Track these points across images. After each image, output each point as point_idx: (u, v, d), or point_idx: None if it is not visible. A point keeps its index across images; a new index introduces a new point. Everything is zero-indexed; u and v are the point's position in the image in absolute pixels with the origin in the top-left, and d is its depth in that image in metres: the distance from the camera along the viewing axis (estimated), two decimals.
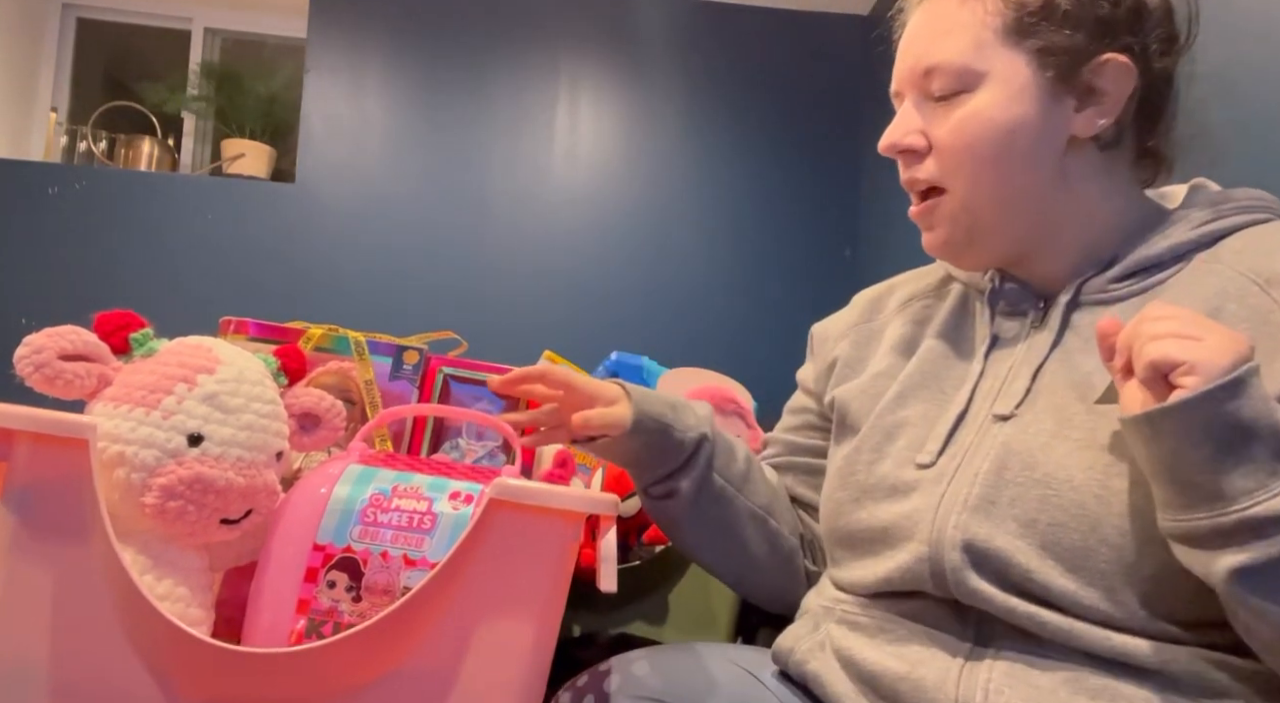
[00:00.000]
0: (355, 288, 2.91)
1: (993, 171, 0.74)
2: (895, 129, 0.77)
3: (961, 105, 0.74)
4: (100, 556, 0.64)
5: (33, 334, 0.68)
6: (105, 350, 0.72)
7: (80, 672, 0.65)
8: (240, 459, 0.68)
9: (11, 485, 0.65)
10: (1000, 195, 0.75)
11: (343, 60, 3.04)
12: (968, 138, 0.74)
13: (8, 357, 0.65)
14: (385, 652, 0.66)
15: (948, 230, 0.78)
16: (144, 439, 0.66)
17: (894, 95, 0.81)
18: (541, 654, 0.68)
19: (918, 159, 0.77)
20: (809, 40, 3.12)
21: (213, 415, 0.68)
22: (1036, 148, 0.74)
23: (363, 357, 0.83)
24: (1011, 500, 0.68)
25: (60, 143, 3.15)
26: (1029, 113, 0.73)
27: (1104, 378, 0.69)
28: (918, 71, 0.76)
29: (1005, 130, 0.73)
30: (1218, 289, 0.69)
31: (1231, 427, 0.55)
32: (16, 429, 0.64)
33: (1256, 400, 0.55)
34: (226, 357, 0.72)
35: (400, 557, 0.66)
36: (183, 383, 0.68)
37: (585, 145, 3.05)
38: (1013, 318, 0.80)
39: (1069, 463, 0.67)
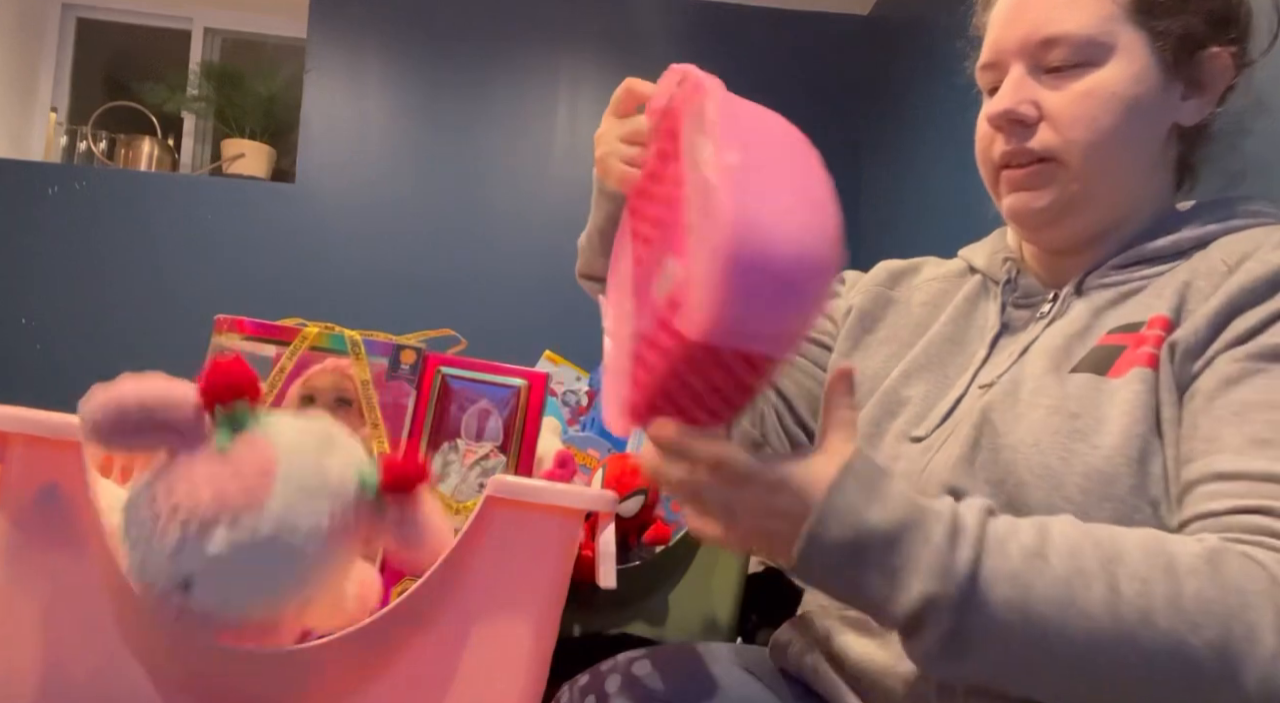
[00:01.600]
0: (355, 288, 2.91)
1: (1110, 147, 0.74)
2: (1009, 96, 0.75)
3: (1081, 77, 0.74)
4: (96, 557, 0.64)
5: (104, 387, 0.60)
6: (185, 414, 0.60)
7: (76, 674, 0.64)
8: (244, 608, 0.60)
9: (6, 488, 0.64)
10: (1112, 171, 0.75)
11: (343, 60, 3.04)
12: (1093, 110, 0.73)
13: (8, 356, 0.64)
14: (385, 651, 0.66)
15: (1054, 196, 0.76)
16: (139, 558, 0.59)
17: (989, 66, 0.79)
18: (541, 654, 0.67)
19: (1027, 129, 0.76)
20: (809, 40, 3.12)
21: (218, 569, 0.58)
22: (1149, 129, 0.75)
23: (359, 356, 0.83)
24: (984, 463, 0.70)
25: (60, 143, 3.15)
26: (1149, 92, 0.74)
27: (1081, 349, 0.72)
28: (1033, 40, 0.75)
29: (1127, 107, 0.73)
30: (1192, 269, 0.71)
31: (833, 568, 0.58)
32: (10, 431, 0.64)
33: (831, 556, 0.58)
34: (281, 496, 0.59)
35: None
36: (196, 522, 0.58)
37: (585, 145, 3.05)
38: (1023, 309, 0.82)
39: (1037, 428, 0.68)
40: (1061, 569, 0.55)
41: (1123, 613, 0.54)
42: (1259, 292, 0.66)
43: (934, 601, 0.55)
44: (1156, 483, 0.64)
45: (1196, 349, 0.66)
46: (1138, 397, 0.66)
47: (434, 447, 0.83)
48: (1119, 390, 0.67)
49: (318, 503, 0.60)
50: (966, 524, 0.57)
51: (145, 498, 0.59)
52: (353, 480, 0.62)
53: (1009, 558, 0.56)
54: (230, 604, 0.59)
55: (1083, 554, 0.56)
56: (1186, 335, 0.67)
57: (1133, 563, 0.56)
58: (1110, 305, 0.74)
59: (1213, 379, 0.65)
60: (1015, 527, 0.58)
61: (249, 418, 0.61)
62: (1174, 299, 0.70)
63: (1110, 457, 0.64)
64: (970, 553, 0.55)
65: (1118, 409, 0.66)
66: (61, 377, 2.77)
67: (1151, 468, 0.64)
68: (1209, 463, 0.62)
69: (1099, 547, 0.57)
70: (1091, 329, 0.73)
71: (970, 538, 0.56)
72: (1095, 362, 0.70)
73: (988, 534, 0.57)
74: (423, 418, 0.83)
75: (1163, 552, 0.56)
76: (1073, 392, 0.69)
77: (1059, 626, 0.54)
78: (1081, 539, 0.57)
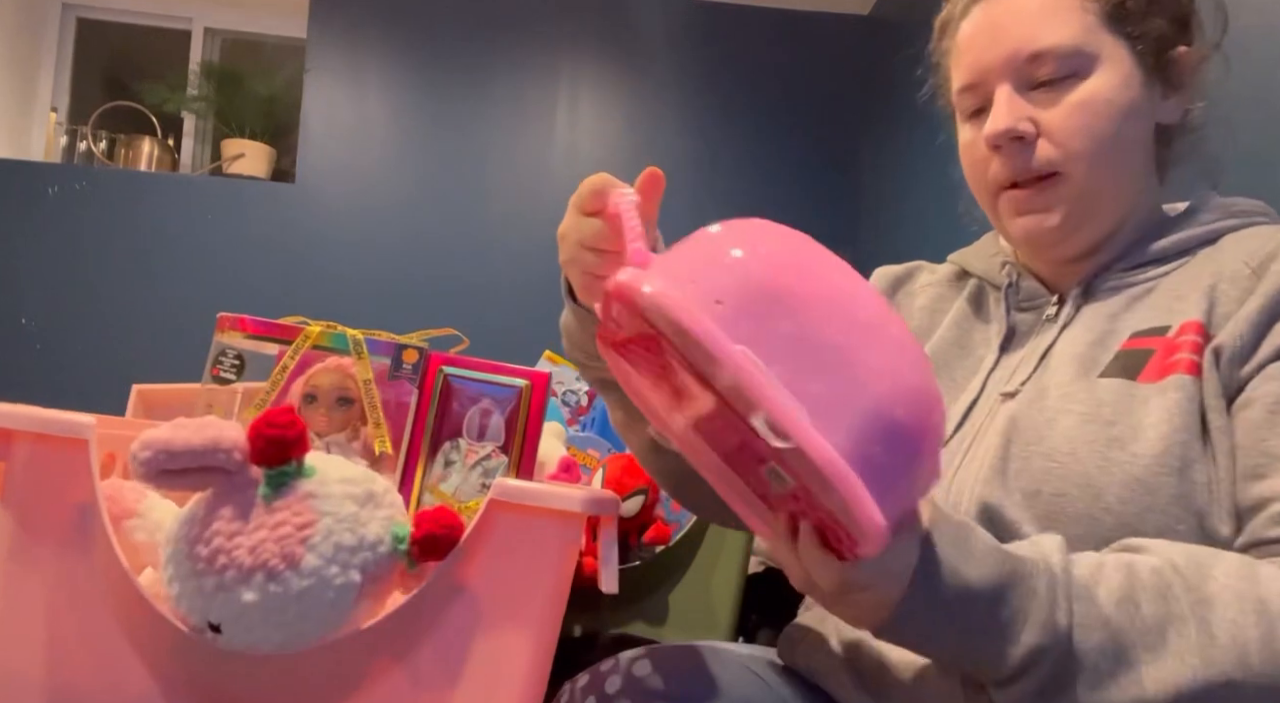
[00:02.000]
0: (355, 288, 2.91)
1: (1110, 154, 0.75)
2: (1006, 116, 0.75)
3: (1072, 89, 0.74)
4: (101, 556, 0.64)
5: (155, 428, 0.60)
6: (232, 461, 0.61)
7: (79, 670, 0.64)
8: (270, 649, 0.62)
9: (11, 485, 0.65)
10: (1113, 176, 0.76)
11: (343, 60, 3.04)
12: (1088, 120, 0.73)
13: (8, 356, 0.64)
14: (386, 652, 0.66)
15: (1064, 213, 0.76)
16: (177, 591, 0.61)
17: (971, 87, 0.79)
18: (542, 655, 0.68)
19: (1027, 146, 0.75)
20: (809, 40, 3.12)
21: (249, 618, 0.60)
22: (1140, 131, 0.76)
23: (362, 356, 0.83)
24: (1017, 473, 0.69)
25: (60, 143, 3.15)
26: (1136, 97, 0.75)
27: (1106, 354, 0.71)
28: (1020, 57, 0.75)
29: (1121, 113, 0.74)
30: (1214, 272, 0.71)
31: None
32: (16, 429, 0.64)
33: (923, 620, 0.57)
34: (318, 553, 0.61)
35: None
36: (234, 570, 0.60)
37: (585, 145, 3.05)
38: (1028, 312, 0.81)
39: (1072, 435, 0.68)
40: (1153, 615, 0.55)
41: (1216, 658, 0.54)
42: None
43: (1038, 654, 0.55)
44: (1201, 492, 0.64)
45: (1243, 353, 0.66)
46: (1177, 405, 0.65)
47: (436, 446, 0.83)
48: (1154, 397, 0.67)
49: (352, 561, 0.62)
50: (1057, 571, 0.56)
51: (186, 536, 0.61)
52: (388, 539, 0.64)
53: (1101, 604, 0.55)
54: (256, 646, 0.61)
55: (1172, 596, 0.56)
56: (1230, 340, 0.66)
57: (1224, 606, 0.55)
58: (1125, 309, 0.74)
59: (1272, 391, 0.64)
60: (1101, 567, 0.58)
61: (295, 474, 0.62)
62: (1203, 303, 0.70)
63: (1150, 466, 0.64)
64: (1066, 603, 0.55)
65: (1155, 416, 0.66)
66: (61, 377, 2.77)
67: (1195, 477, 0.64)
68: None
69: (1189, 588, 0.56)
70: (1113, 333, 0.73)
71: (1064, 587, 0.56)
72: (1124, 366, 0.70)
73: (1075, 579, 0.56)
74: (424, 417, 0.83)
75: (1255, 592, 0.56)
76: (1105, 398, 0.68)
77: (1153, 671, 0.54)
78: (1171, 577, 0.57)
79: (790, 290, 0.49)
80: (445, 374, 0.84)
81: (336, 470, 0.64)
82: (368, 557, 0.63)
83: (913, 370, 0.50)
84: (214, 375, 0.86)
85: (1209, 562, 0.58)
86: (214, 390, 0.86)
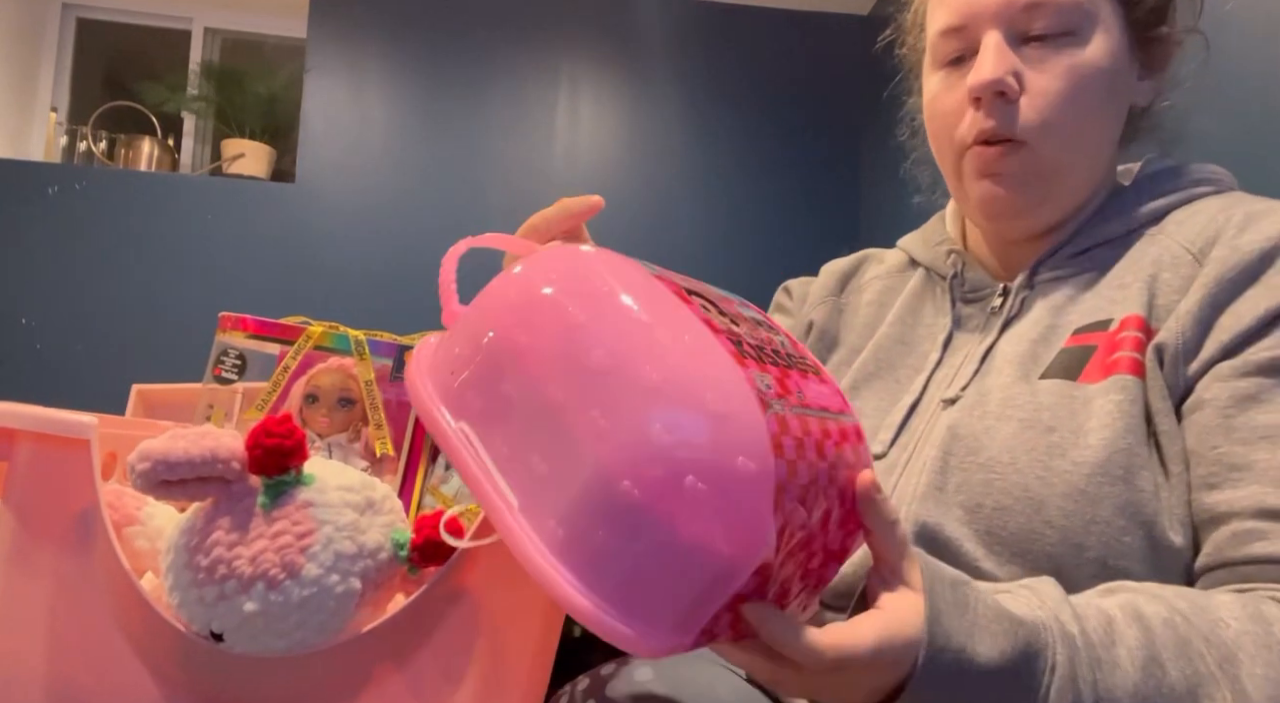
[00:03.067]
0: (355, 289, 2.91)
1: (1089, 126, 0.70)
2: (995, 65, 0.68)
3: (1065, 51, 0.69)
4: (102, 557, 0.64)
5: (154, 442, 0.59)
6: (231, 471, 0.61)
7: (80, 673, 0.64)
8: (271, 653, 0.61)
9: (12, 485, 0.64)
10: (1083, 153, 0.72)
11: (343, 60, 3.04)
12: (1078, 85, 0.68)
13: (8, 356, 0.64)
14: (387, 655, 0.66)
15: (1022, 187, 0.72)
16: (178, 600, 0.61)
17: (956, 30, 0.72)
18: (543, 656, 0.68)
19: (1009, 105, 0.70)
20: (809, 40, 3.12)
21: (250, 627, 0.60)
22: (1118, 110, 0.72)
23: (363, 356, 0.83)
24: (957, 487, 0.66)
25: (60, 143, 3.15)
26: (1121, 71, 0.70)
27: (1048, 352, 0.68)
28: (1017, 3, 0.68)
29: (1106, 86, 0.69)
30: (1155, 258, 0.68)
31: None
32: (17, 428, 0.64)
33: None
34: (318, 563, 0.60)
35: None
36: (234, 581, 0.59)
37: (585, 145, 3.05)
38: (973, 304, 0.78)
39: (1012, 444, 0.64)
40: (1180, 679, 0.50)
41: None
42: (1237, 280, 0.63)
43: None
44: (1149, 501, 0.60)
45: (1187, 351, 0.63)
46: (1119, 407, 0.62)
47: (437, 448, 0.83)
48: (1096, 399, 0.63)
49: (352, 569, 0.62)
50: (1075, 636, 0.50)
51: (186, 545, 0.61)
52: (388, 545, 0.64)
53: (1125, 670, 0.50)
54: (258, 652, 0.62)
55: (1195, 653, 0.51)
56: (1172, 337, 0.64)
57: (1249, 660, 0.52)
58: (1069, 301, 0.71)
59: (1224, 393, 0.61)
60: (1112, 622, 0.52)
61: (293, 483, 0.62)
62: (1144, 294, 0.66)
63: (1092, 475, 0.61)
64: (1090, 674, 0.49)
65: (1096, 420, 0.62)
66: (61, 377, 2.77)
67: (1141, 484, 0.61)
68: (1251, 495, 0.58)
69: (1207, 641, 0.52)
70: (1056, 330, 0.70)
71: (1084, 654, 0.50)
72: (1065, 366, 0.67)
73: (1093, 642, 0.51)
74: None
75: (1273, 639, 0.53)
76: (1045, 402, 0.65)
77: None
78: (1186, 631, 0.52)
79: (514, 343, 0.41)
80: None
81: (335, 478, 0.64)
82: (368, 564, 0.63)
83: (667, 418, 0.38)
84: (216, 375, 0.86)
85: (1212, 607, 0.54)
86: (215, 390, 0.86)
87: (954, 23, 0.72)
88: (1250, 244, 0.63)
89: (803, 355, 0.53)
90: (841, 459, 0.46)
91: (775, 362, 0.46)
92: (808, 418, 0.45)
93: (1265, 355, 0.60)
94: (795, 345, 0.54)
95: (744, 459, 0.39)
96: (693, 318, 0.43)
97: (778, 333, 0.53)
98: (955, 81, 0.73)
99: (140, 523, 0.68)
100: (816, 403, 0.47)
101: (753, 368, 0.43)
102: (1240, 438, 0.60)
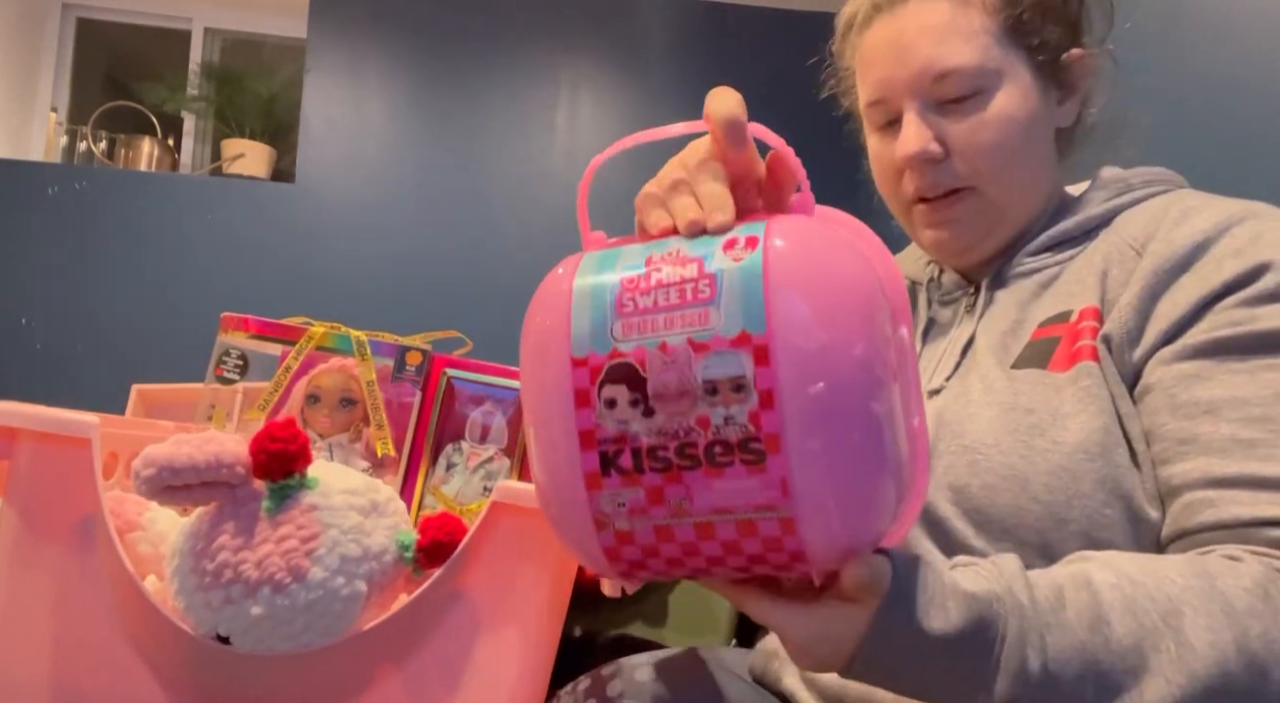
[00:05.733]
0: (355, 288, 2.91)
1: (1017, 166, 0.76)
2: (915, 138, 0.76)
3: (979, 106, 0.75)
4: (103, 555, 0.64)
5: (158, 445, 0.60)
6: (235, 476, 0.61)
7: (81, 671, 0.64)
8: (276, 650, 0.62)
9: (13, 484, 0.65)
10: (1023, 186, 0.78)
11: (343, 60, 3.04)
12: (996, 136, 0.75)
13: (8, 356, 0.64)
14: (388, 654, 0.66)
15: (970, 226, 0.78)
16: (185, 603, 0.62)
17: (879, 102, 0.79)
18: (543, 656, 0.68)
19: (938, 164, 0.77)
20: (809, 40, 3.12)
21: (256, 629, 0.61)
22: (1043, 139, 0.78)
23: (365, 357, 0.83)
24: (945, 469, 0.69)
25: (60, 143, 3.15)
26: (1036, 107, 0.76)
27: (1017, 344, 0.73)
28: (926, 77, 0.75)
29: (1024, 126, 0.75)
30: (1105, 254, 0.73)
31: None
32: (19, 428, 0.64)
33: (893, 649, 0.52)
34: (323, 566, 0.61)
35: (684, 344, 0.46)
36: (240, 585, 0.60)
37: (585, 146, 3.05)
38: (948, 305, 0.83)
39: (995, 427, 0.68)
40: (1127, 633, 0.53)
41: (1198, 670, 0.52)
42: (1171, 270, 0.67)
43: (1014, 698, 0.52)
44: (1127, 475, 0.64)
45: (1130, 338, 0.67)
46: (1088, 391, 0.66)
47: (438, 448, 0.83)
48: (1067, 386, 0.67)
49: (358, 572, 0.63)
50: (1025, 605, 0.53)
51: (191, 550, 0.61)
52: (393, 547, 0.65)
53: (1071, 629, 0.53)
54: (264, 652, 0.62)
55: (1140, 609, 0.54)
56: (1116, 327, 0.68)
57: (1193, 611, 0.54)
58: (1033, 297, 0.75)
59: (1168, 376, 0.65)
60: (1062, 590, 0.55)
61: (298, 487, 0.63)
62: (1098, 288, 0.71)
63: (1072, 453, 0.65)
64: (1039, 639, 0.52)
65: (1070, 406, 0.66)
66: (61, 376, 2.77)
67: (1118, 459, 0.65)
68: (1198, 467, 0.62)
69: (1152, 597, 0.55)
70: (1023, 323, 0.74)
71: (1033, 620, 0.52)
72: (1035, 356, 0.71)
73: (1042, 609, 0.53)
74: (427, 419, 0.83)
75: (1215, 590, 0.55)
76: (1021, 388, 0.69)
77: (1137, 695, 0.52)
78: (1131, 590, 0.55)
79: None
80: (448, 376, 0.84)
81: (339, 481, 0.65)
82: (373, 567, 0.63)
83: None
84: (218, 375, 0.86)
85: (1160, 568, 0.57)
86: (217, 390, 0.86)
87: (877, 96, 0.79)
88: (1183, 237, 0.68)
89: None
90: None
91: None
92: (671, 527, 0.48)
93: (1202, 338, 0.64)
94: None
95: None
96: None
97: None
98: (889, 143, 0.80)
99: (142, 528, 0.69)
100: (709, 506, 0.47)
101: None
102: (1185, 414, 0.63)
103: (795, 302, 0.45)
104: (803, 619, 0.51)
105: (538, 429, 0.50)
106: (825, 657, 0.52)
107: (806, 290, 0.46)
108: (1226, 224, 0.67)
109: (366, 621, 0.65)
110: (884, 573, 0.50)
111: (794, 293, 0.45)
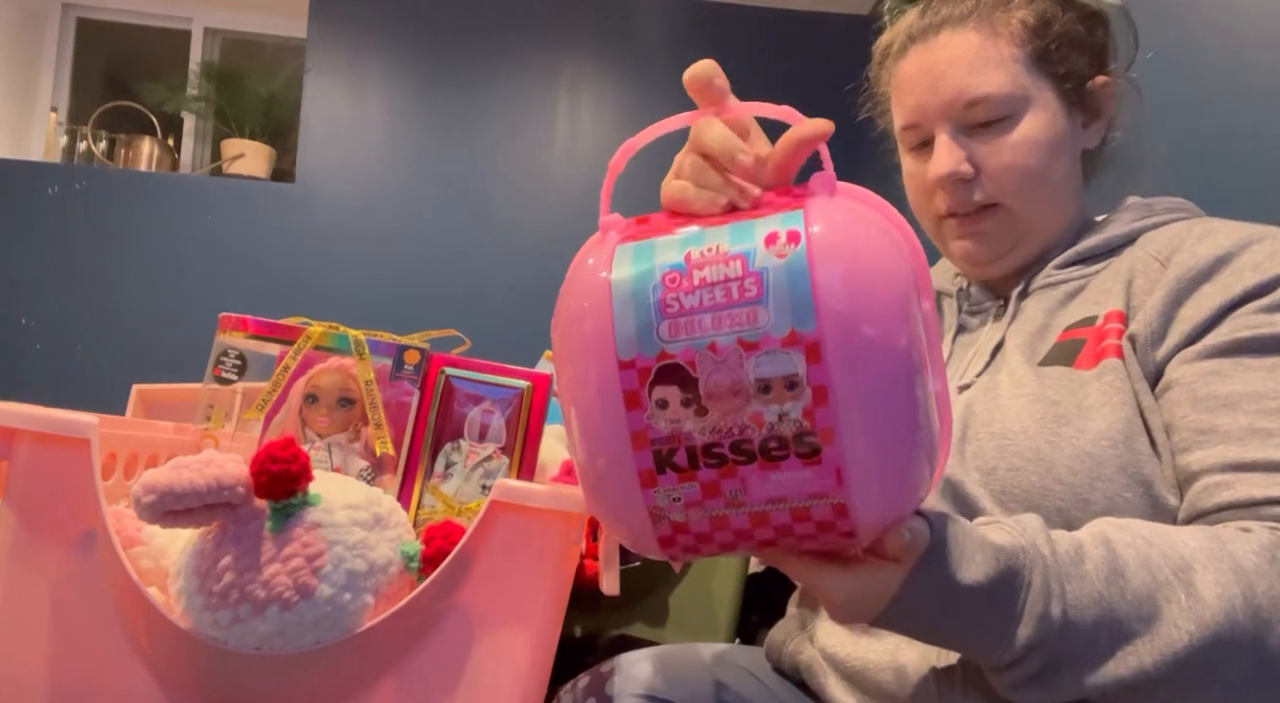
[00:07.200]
0: (355, 288, 2.91)
1: (1043, 185, 0.81)
2: (947, 160, 0.81)
3: (1008, 130, 0.80)
4: (102, 556, 0.64)
5: (159, 473, 0.60)
6: (237, 496, 0.61)
7: (81, 672, 0.64)
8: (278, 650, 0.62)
9: (13, 485, 0.65)
10: (1049, 204, 0.83)
11: (343, 60, 3.04)
12: (1023, 159, 0.80)
13: (8, 356, 0.64)
14: (388, 654, 0.66)
15: (998, 239, 0.84)
16: (193, 620, 0.62)
17: (913, 127, 0.84)
18: (543, 656, 0.68)
19: (968, 185, 0.82)
20: (809, 40, 3.12)
21: (265, 644, 0.61)
22: (1069, 161, 0.83)
23: (363, 356, 0.83)
24: (975, 453, 0.73)
25: (60, 143, 3.15)
26: (1063, 131, 0.81)
27: (1045, 343, 0.78)
28: (958, 104, 0.80)
29: (1050, 149, 0.80)
30: (1130, 267, 0.78)
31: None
32: (18, 428, 0.64)
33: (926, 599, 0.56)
34: (330, 582, 0.61)
35: (734, 344, 0.47)
36: (248, 604, 0.60)
37: (585, 145, 3.05)
38: (976, 315, 0.89)
39: (1022, 415, 0.72)
40: (1141, 585, 0.57)
41: (1207, 620, 0.56)
42: (1195, 279, 0.72)
43: (1036, 644, 0.55)
44: (1148, 462, 0.68)
45: (1154, 338, 0.72)
46: (1113, 386, 0.71)
47: (437, 447, 0.83)
48: (1092, 381, 0.71)
49: (365, 585, 0.63)
50: (1047, 557, 0.57)
51: (196, 569, 0.61)
52: (397, 559, 0.66)
53: (1089, 581, 0.57)
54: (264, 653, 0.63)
55: (1154, 564, 0.58)
56: (1141, 328, 0.72)
57: (1202, 567, 0.58)
58: (1060, 306, 0.80)
59: (1190, 373, 0.69)
60: (1081, 545, 0.59)
61: (300, 505, 0.63)
62: (1123, 295, 0.76)
63: (1096, 439, 0.68)
64: (1059, 587, 0.56)
65: (1095, 398, 0.70)
66: (62, 377, 2.77)
67: (1139, 448, 0.68)
68: (1217, 453, 0.66)
69: (1165, 555, 0.58)
70: (1049, 327, 0.79)
71: (1054, 571, 0.56)
72: (1061, 356, 0.75)
73: (1062, 561, 0.57)
74: (426, 418, 0.83)
75: (1225, 551, 0.59)
76: (1049, 383, 0.73)
77: (1150, 641, 0.56)
78: (1146, 549, 0.59)
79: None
80: (447, 375, 0.84)
81: (341, 497, 0.65)
82: (379, 579, 0.64)
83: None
84: (216, 375, 0.86)
85: (1173, 532, 0.61)
86: (216, 390, 0.86)
87: (910, 121, 0.85)
88: (1207, 250, 0.73)
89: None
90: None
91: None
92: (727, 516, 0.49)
93: (1222, 339, 0.69)
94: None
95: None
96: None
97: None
98: (922, 164, 0.85)
99: (142, 543, 0.69)
100: (763, 496, 0.48)
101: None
102: (1205, 407, 0.68)
103: (843, 299, 0.46)
104: (844, 579, 0.54)
105: (584, 429, 0.50)
106: (863, 610, 0.56)
107: (853, 289, 0.46)
108: (1247, 242, 0.72)
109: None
110: (923, 536, 0.53)
111: (841, 291, 0.46)
